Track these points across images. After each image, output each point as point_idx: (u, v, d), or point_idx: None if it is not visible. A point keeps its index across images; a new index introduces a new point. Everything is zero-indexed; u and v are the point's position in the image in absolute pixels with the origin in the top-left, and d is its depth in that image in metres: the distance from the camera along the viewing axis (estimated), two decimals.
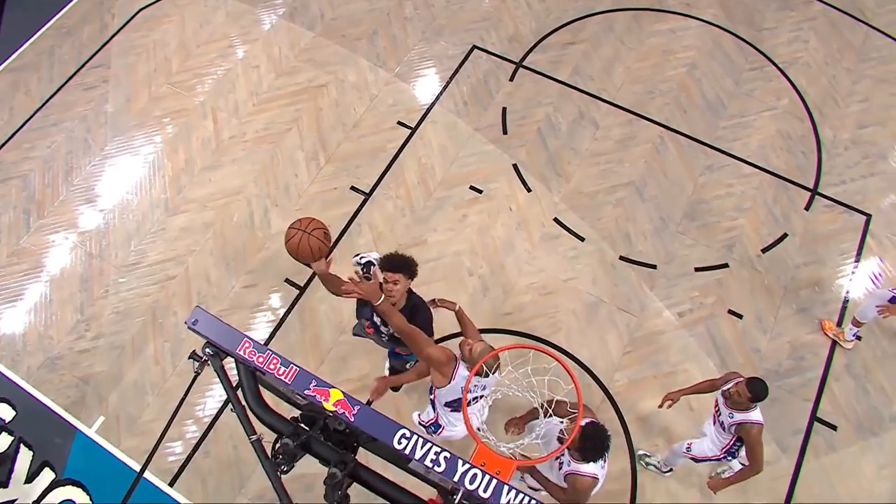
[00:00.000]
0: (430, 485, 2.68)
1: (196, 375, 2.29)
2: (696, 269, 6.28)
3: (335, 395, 2.15)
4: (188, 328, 2.30)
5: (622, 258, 6.34)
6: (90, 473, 5.38)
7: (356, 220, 6.53)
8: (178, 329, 5.99)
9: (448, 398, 4.25)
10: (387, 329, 4.40)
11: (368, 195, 6.68)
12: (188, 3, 8.13)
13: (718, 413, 4.52)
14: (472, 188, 6.70)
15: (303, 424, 2.30)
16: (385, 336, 4.49)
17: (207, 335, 2.27)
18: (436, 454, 2.08)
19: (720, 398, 4.47)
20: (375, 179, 6.77)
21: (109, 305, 6.14)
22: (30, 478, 5.31)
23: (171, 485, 5.34)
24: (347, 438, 2.28)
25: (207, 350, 2.27)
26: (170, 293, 6.18)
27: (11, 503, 5.21)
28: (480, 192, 6.68)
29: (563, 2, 8.06)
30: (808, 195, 6.69)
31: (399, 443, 2.11)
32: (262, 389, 2.48)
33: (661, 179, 6.77)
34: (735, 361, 5.81)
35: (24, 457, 5.42)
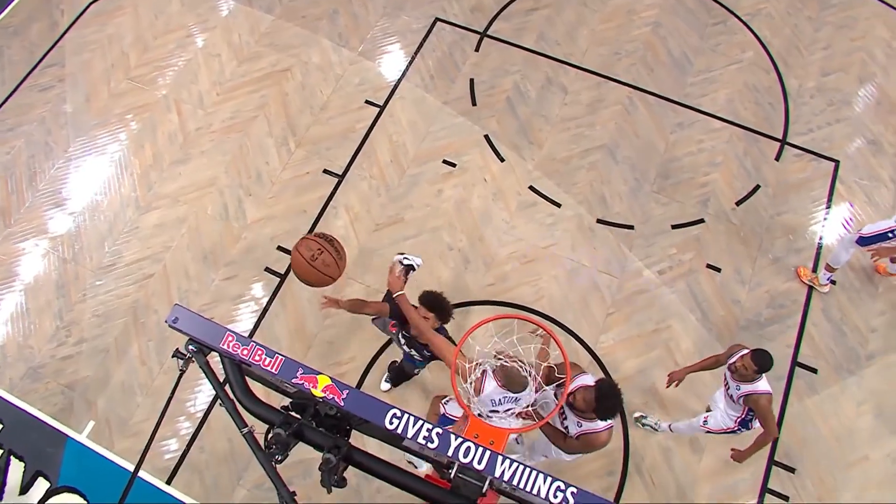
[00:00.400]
0: (426, 460, 2.71)
1: (181, 373, 2.28)
2: (673, 227, 6.35)
3: (323, 382, 2.16)
4: (169, 327, 2.28)
5: (599, 221, 6.38)
6: (86, 479, 5.36)
7: (331, 203, 6.48)
8: (162, 327, 5.94)
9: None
10: (407, 331, 4.47)
11: (342, 177, 6.63)
12: None
13: (727, 387, 4.56)
14: (446, 162, 6.67)
15: (294, 412, 2.31)
16: (404, 339, 4.55)
17: (189, 332, 2.25)
18: (428, 431, 2.10)
19: (727, 372, 4.50)
20: (348, 161, 6.71)
21: (89, 309, 6.05)
22: (24, 489, 5.27)
23: (169, 483, 5.34)
24: (339, 423, 2.29)
25: (191, 347, 2.25)
26: (149, 292, 6.11)
27: None
28: (454, 166, 6.65)
29: None
30: (778, 146, 6.77)
31: (391, 423, 2.12)
32: (251, 381, 2.48)
33: (633, 140, 6.79)
34: (716, 314, 5.92)
35: (16, 468, 5.37)
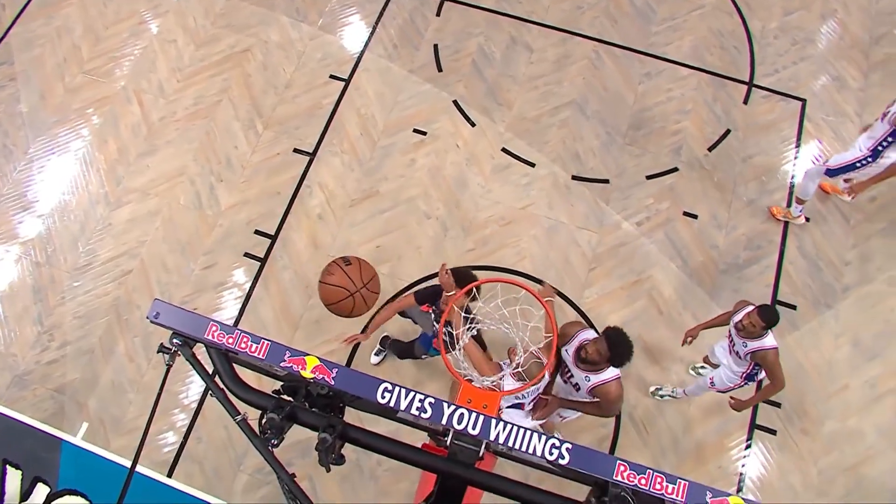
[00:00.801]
0: (422, 430, 2.75)
1: (168, 367, 2.27)
2: (648, 177, 6.38)
3: (312, 363, 2.16)
4: (151, 322, 2.26)
5: (574, 177, 6.39)
6: (86, 480, 5.36)
7: (304, 183, 6.41)
8: (146, 322, 5.85)
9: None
10: (440, 307, 4.50)
11: (313, 155, 6.54)
12: None
13: (733, 344, 4.59)
14: (416, 131, 6.61)
15: (286, 395, 2.31)
16: (437, 317, 4.55)
17: (172, 326, 2.23)
18: (420, 402, 2.12)
19: (732, 330, 4.51)
20: (317, 138, 6.62)
21: (69, 312, 5.98)
22: (24, 496, 5.26)
23: (170, 475, 5.36)
24: (332, 401, 2.30)
25: (175, 340, 2.24)
26: (129, 288, 6.04)
27: None
28: (425, 134, 6.60)
29: None
30: (745, 89, 6.79)
31: (382, 397, 2.14)
32: (242, 368, 2.47)
33: (602, 94, 6.77)
34: (695, 260, 6.00)
35: (13, 477, 5.35)
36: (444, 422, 2.11)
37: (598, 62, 6.94)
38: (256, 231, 6.22)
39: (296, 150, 6.57)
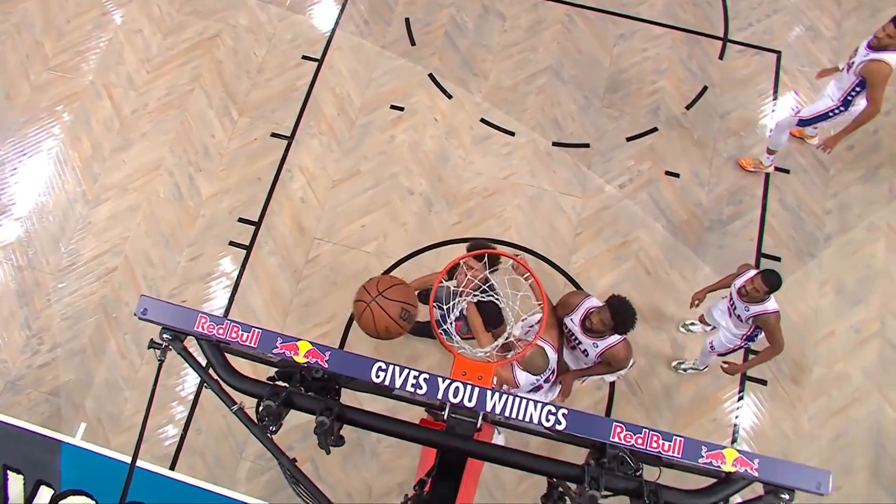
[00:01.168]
0: (419, 405, 2.77)
1: (160, 363, 2.26)
2: (628, 139, 6.38)
3: (304, 347, 2.16)
4: (139, 319, 2.24)
5: (555, 144, 6.38)
6: (89, 479, 5.37)
7: (284, 167, 6.35)
8: (135, 319, 5.78)
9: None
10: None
11: (291, 138, 6.47)
12: None
13: (733, 307, 4.62)
14: (393, 107, 6.55)
15: (281, 382, 2.32)
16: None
17: (160, 321, 2.22)
18: (415, 378, 2.13)
19: (734, 294, 4.54)
20: (294, 121, 6.54)
21: (56, 314, 5.92)
22: (28, 500, 5.27)
23: (172, 468, 5.39)
24: (328, 384, 2.30)
25: (165, 335, 2.23)
26: (115, 285, 5.99)
27: None
28: (402, 110, 6.54)
29: None
30: (720, 44, 6.77)
31: (377, 376, 2.15)
32: (236, 357, 2.47)
33: (577, 58, 6.73)
34: (680, 219, 6.04)
35: (15, 481, 5.35)
36: (440, 396, 2.13)
37: (572, 26, 6.88)
38: (240, 219, 6.17)
39: (273, 135, 6.49)
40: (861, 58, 4.94)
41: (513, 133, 6.42)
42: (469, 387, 2.15)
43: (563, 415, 2.11)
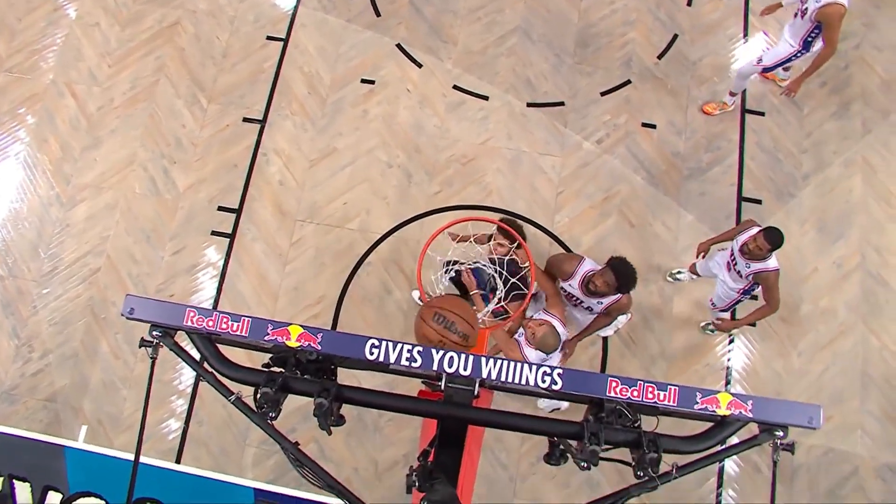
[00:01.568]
0: (417, 377, 2.80)
1: (153, 360, 2.25)
2: (602, 94, 6.35)
3: (295, 331, 2.16)
4: (126, 319, 2.23)
5: (530, 104, 6.34)
6: (97, 480, 5.37)
7: (260, 151, 6.27)
8: (124, 318, 5.80)
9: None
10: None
11: (263, 121, 6.38)
12: None
13: (734, 262, 4.65)
14: (364, 81, 6.46)
15: (276, 367, 2.32)
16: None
17: (148, 318, 2.21)
18: (409, 352, 2.14)
19: (736, 250, 4.56)
20: (265, 103, 6.43)
21: (44, 320, 5.87)
22: None
23: (178, 462, 5.43)
24: (323, 365, 2.31)
25: (155, 332, 2.21)
26: (101, 286, 5.93)
27: None
28: (373, 83, 6.45)
29: None
30: None
31: (371, 353, 2.15)
32: (229, 346, 2.46)
33: (545, 16, 6.64)
34: (659, 170, 6.06)
35: (23, 489, 5.35)
36: (436, 368, 2.14)
37: None
38: (219, 207, 6.11)
39: (245, 120, 6.39)
40: (814, 4, 4.96)
41: (486, 97, 6.37)
42: (463, 356, 2.17)
43: (559, 374, 2.13)
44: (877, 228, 5.85)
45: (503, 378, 2.15)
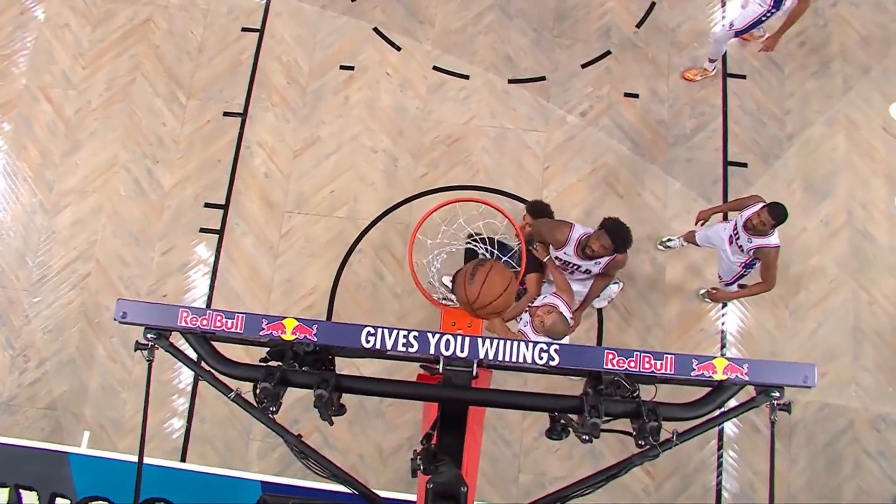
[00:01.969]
0: (415, 361, 2.81)
1: (150, 363, 2.25)
2: (583, 66, 6.32)
3: (290, 325, 2.16)
4: (119, 323, 2.22)
5: (511, 81, 6.30)
6: (104, 485, 5.37)
7: (243, 144, 6.21)
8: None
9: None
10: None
11: (244, 114, 6.31)
12: None
13: (737, 236, 4.66)
14: (343, 67, 6.39)
15: (273, 361, 2.32)
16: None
17: (141, 321, 2.20)
18: (405, 337, 2.15)
19: (740, 225, 4.57)
20: (245, 96, 6.36)
21: (37, 328, 5.84)
22: None
23: (183, 460, 5.44)
24: (320, 356, 2.31)
25: (149, 335, 2.21)
26: (93, 291, 5.90)
27: None
28: (352, 69, 6.38)
29: None
30: None
31: (367, 341, 2.16)
32: (225, 343, 2.46)
33: None
34: (644, 139, 6.06)
35: (30, 498, 5.35)
36: (433, 351, 2.15)
37: None
38: (206, 204, 6.06)
39: (226, 114, 6.32)
40: None
41: (467, 76, 6.32)
42: (459, 337, 2.18)
43: (556, 350, 2.15)
44: (862, 184, 5.88)
45: (500, 358, 2.16)
